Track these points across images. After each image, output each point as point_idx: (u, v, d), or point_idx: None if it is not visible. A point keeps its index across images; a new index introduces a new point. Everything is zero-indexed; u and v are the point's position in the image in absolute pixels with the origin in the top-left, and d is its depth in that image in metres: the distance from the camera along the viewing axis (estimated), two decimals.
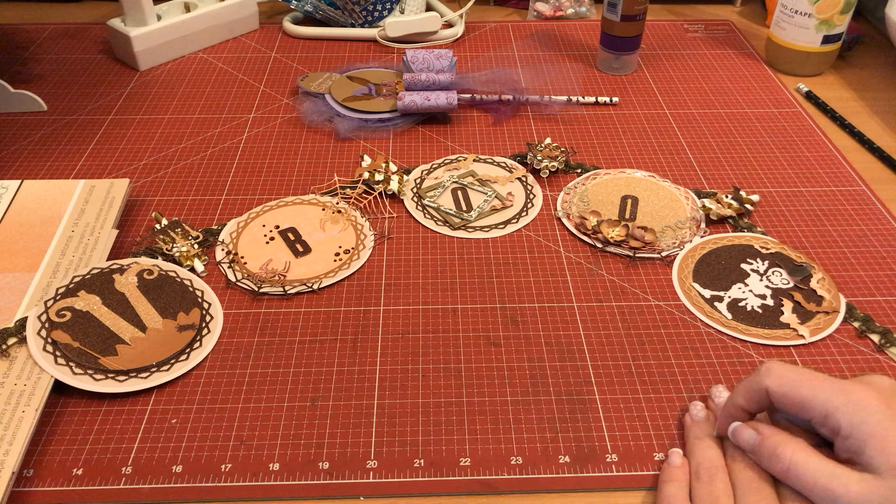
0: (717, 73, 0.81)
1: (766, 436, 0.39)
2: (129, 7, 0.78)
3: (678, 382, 0.48)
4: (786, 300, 0.53)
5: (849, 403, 0.36)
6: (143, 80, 0.79)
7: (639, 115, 0.74)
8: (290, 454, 0.44)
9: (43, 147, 0.69)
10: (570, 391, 0.47)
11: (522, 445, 0.44)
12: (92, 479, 0.42)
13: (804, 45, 0.78)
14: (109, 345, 0.48)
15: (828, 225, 0.60)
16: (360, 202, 0.62)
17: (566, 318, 0.52)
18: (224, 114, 0.74)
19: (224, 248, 0.57)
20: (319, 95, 0.74)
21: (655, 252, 0.57)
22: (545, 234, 0.59)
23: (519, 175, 0.65)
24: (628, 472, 0.43)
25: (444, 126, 0.72)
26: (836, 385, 0.37)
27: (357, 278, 0.55)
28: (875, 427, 0.35)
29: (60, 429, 0.45)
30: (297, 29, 0.88)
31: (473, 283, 0.55)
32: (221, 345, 0.50)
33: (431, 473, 0.43)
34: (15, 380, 0.45)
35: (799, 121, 0.73)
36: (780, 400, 0.38)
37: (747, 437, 0.39)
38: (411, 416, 0.46)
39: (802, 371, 0.39)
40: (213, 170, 0.66)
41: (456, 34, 0.88)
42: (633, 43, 0.79)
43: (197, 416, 0.46)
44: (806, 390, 0.37)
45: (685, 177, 0.65)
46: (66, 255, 0.54)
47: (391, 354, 0.49)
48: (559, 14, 0.93)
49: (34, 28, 0.90)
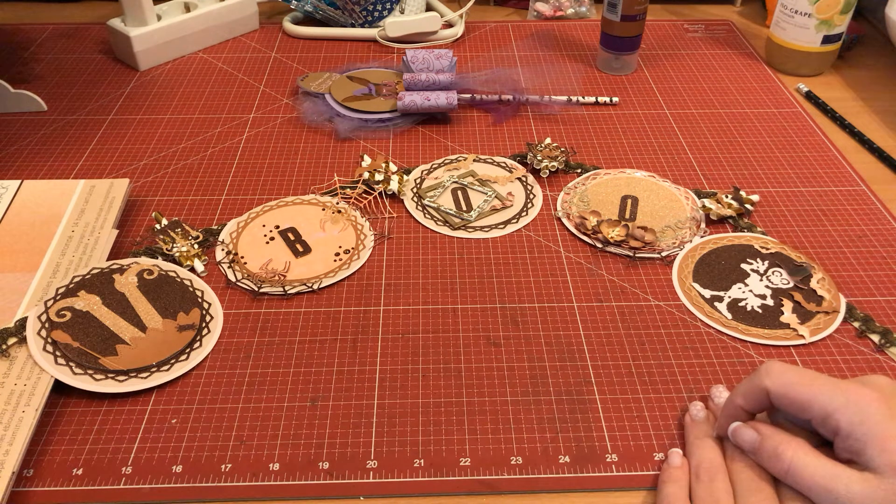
0: (717, 73, 0.81)
1: (766, 436, 0.39)
2: (129, 7, 0.78)
3: (678, 382, 0.48)
4: (786, 300, 0.53)
5: (849, 404, 0.36)
6: (143, 80, 0.79)
7: (639, 115, 0.74)
8: (290, 454, 0.44)
9: (43, 147, 0.69)
10: (570, 391, 0.47)
11: (522, 445, 0.44)
12: (92, 479, 0.42)
13: (804, 45, 0.78)
14: (109, 345, 0.48)
15: (828, 225, 0.60)
16: (360, 202, 0.62)
17: (566, 318, 0.52)
18: (224, 114, 0.74)
19: (224, 248, 0.57)
20: (319, 95, 0.74)
21: (655, 252, 0.57)
22: (545, 234, 0.59)
23: (519, 175, 0.65)
24: (628, 472, 0.43)
25: (444, 126, 0.72)
26: (835, 385, 0.37)
27: (357, 278, 0.55)
28: (875, 427, 0.35)
29: (60, 429, 0.45)
30: (297, 29, 0.88)
31: (473, 283, 0.55)
32: (221, 345, 0.50)
33: (431, 473, 0.43)
34: (15, 380, 0.45)
35: (799, 121, 0.73)
36: (780, 400, 0.38)
37: (748, 437, 0.39)
38: (411, 416, 0.46)
39: (802, 371, 0.39)
40: (213, 170, 0.66)
41: (456, 34, 0.88)
42: (633, 43, 0.79)
43: (197, 416, 0.46)
44: (806, 390, 0.37)
45: (685, 177, 0.65)
46: (66, 255, 0.54)
47: (391, 354, 0.49)
48: (559, 14, 0.93)
49: (34, 28, 0.90)
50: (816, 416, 0.37)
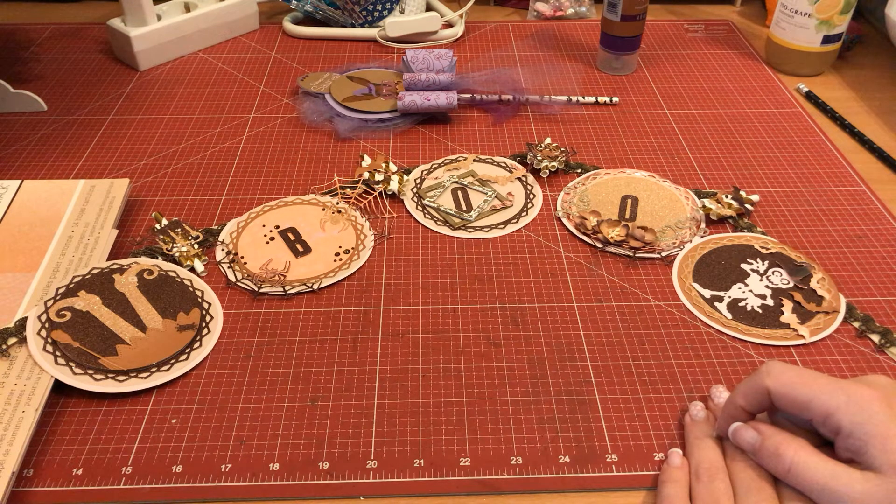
0: (717, 73, 0.81)
1: (767, 436, 0.39)
2: (129, 7, 0.78)
3: (678, 382, 0.48)
4: (786, 300, 0.53)
5: (850, 403, 0.36)
6: (143, 80, 0.79)
7: (639, 115, 0.74)
8: (290, 454, 0.44)
9: (43, 147, 0.69)
10: (570, 391, 0.47)
11: (522, 445, 0.44)
12: (92, 479, 0.42)
13: (804, 45, 0.78)
14: (109, 345, 0.48)
15: (828, 225, 0.60)
16: (360, 202, 0.62)
17: (566, 318, 0.52)
18: (224, 114, 0.74)
19: (224, 248, 0.57)
20: (319, 95, 0.74)
21: (655, 252, 0.57)
22: (545, 234, 0.59)
23: (519, 175, 0.65)
24: (628, 472, 0.43)
25: (444, 126, 0.72)
26: (836, 385, 0.37)
27: (357, 278, 0.55)
28: (877, 427, 0.35)
29: (60, 429, 0.45)
30: (297, 29, 0.88)
31: (473, 283, 0.55)
32: (221, 345, 0.50)
33: (431, 473, 0.43)
34: (15, 380, 0.45)
35: (799, 121, 0.73)
36: (781, 400, 0.38)
37: (748, 437, 0.39)
38: (411, 416, 0.46)
39: (802, 371, 0.39)
40: (213, 170, 0.66)
41: (456, 34, 0.88)
42: (633, 43, 0.79)
43: (197, 416, 0.46)
44: (806, 390, 0.37)
45: (685, 177, 0.65)
46: (66, 255, 0.54)
47: (391, 354, 0.49)
48: (559, 14, 0.93)
49: (34, 28, 0.90)
50: (817, 416, 0.37)
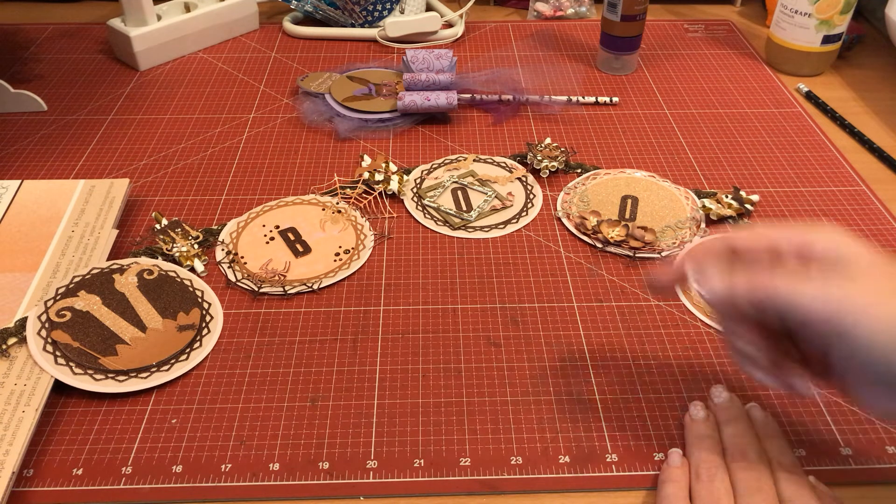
0: (717, 73, 0.81)
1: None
2: (129, 7, 0.78)
3: (678, 382, 0.48)
4: None
5: (823, 232, 0.36)
6: (143, 80, 0.79)
7: (639, 115, 0.74)
8: (290, 454, 0.44)
9: (43, 147, 0.69)
10: (570, 391, 0.47)
11: (522, 445, 0.44)
12: (92, 479, 0.42)
13: (804, 45, 0.78)
14: (109, 345, 0.48)
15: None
16: (360, 202, 0.62)
17: (566, 318, 0.52)
18: (224, 114, 0.74)
19: (224, 248, 0.57)
20: (319, 95, 0.74)
21: (655, 252, 0.57)
22: (545, 234, 0.59)
23: (519, 175, 0.65)
24: (628, 472, 0.43)
25: (444, 126, 0.72)
26: (800, 225, 0.37)
27: (357, 278, 0.55)
28: (852, 247, 0.35)
29: (60, 429, 0.45)
30: (297, 29, 0.88)
31: (473, 283, 0.55)
32: (221, 345, 0.50)
33: (431, 473, 0.43)
34: (15, 380, 0.45)
35: (799, 121, 0.73)
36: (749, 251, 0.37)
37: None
38: (411, 416, 0.46)
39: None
40: (213, 170, 0.66)
41: (456, 34, 0.88)
42: (633, 43, 0.79)
43: (197, 416, 0.46)
44: (774, 232, 0.37)
45: (685, 177, 0.65)
46: (66, 255, 0.54)
47: (391, 354, 0.49)
48: (559, 14, 0.93)
49: (34, 28, 0.90)
50: (791, 248, 0.36)
